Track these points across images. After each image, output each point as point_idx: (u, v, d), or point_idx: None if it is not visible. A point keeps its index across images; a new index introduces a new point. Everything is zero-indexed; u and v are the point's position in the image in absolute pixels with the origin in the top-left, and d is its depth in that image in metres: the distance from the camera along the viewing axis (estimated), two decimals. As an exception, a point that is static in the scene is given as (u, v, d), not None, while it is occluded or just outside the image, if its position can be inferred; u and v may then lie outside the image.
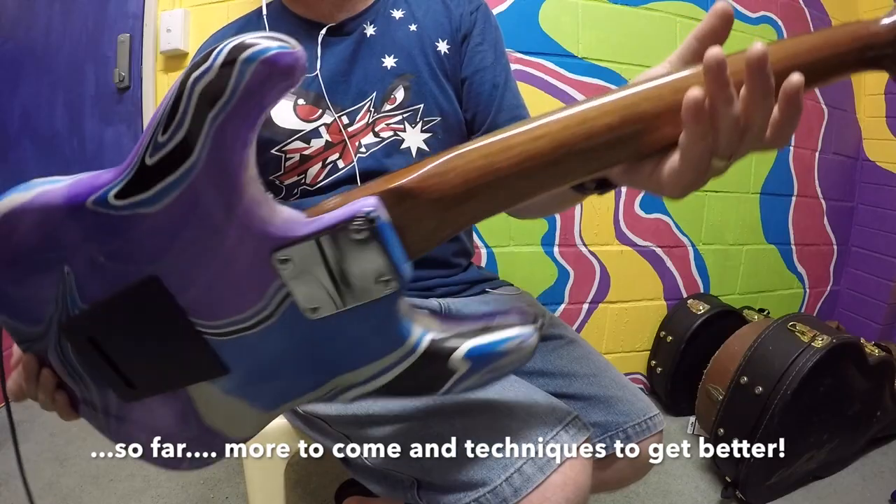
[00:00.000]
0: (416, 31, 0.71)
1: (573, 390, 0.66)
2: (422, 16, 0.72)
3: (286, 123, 0.66)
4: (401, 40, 0.70)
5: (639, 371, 1.67)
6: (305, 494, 1.16)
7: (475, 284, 0.78)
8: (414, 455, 0.51)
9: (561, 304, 1.53)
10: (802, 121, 1.38)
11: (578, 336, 0.74)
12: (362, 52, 0.69)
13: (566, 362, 0.68)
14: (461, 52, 0.71)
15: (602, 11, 1.43)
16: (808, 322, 1.19)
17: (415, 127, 0.68)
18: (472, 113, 0.71)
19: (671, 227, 1.59)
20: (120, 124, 1.40)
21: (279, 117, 0.66)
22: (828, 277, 1.89)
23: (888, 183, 1.76)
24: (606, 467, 0.65)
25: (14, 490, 1.11)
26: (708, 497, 1.20)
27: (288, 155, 0.67)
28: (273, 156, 0.67)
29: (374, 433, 0.55)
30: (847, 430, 1.25)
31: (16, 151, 1.47)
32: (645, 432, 0.64)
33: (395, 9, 0.72)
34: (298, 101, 0.67)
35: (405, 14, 0.72)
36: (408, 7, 0.73)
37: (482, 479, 0.47)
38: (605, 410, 0.64)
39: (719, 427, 1.18)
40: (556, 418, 0.50)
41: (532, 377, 0.67)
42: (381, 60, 0.69)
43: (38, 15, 1.41)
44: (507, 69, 0.73)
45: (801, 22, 1.66)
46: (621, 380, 0.68)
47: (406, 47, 0.69)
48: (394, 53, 0.69)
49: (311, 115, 0.67)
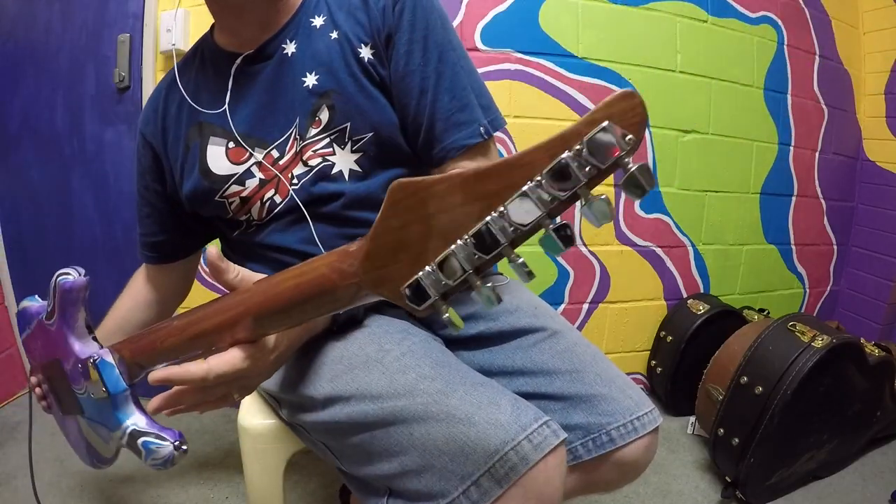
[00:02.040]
0: (336, 38, 0.63)
1: (553, 389, 0.61)
2: (342, 19, 0.64)
3: (221, 170, 0.65)
4: (321, 53, 0.63)
5: (639, 371, 1.67)
6: (305, 494, 1.15)
7: None
8: (378, 462, 0.51)
9: (561, 304, 1.53)
10: (803, 121, 1.37)
11: (564, 325, 0.68)
12: (283, 74, 0.64)
13: (547, 358, 0.63)
14: (387, 55, 0.62)
15: (602, 11, 1.43)
16: (808, 322, 1.19)
17: (344, 148, 0.63)
18: (404, 124, 0.64)
19: (671, 227, 1.59)
20: (120, 124, 1.40)
21: (215, 165, 0.65)
22: (828, 277, 1.89)
23: (888, 183, 1.76)
24: (592, 471, 0.60)
25: (14, 490, 1.11)
26: (708, 497, 1.20)
27: (229, 200, 0.66)
28: (217, 202, 0.66)
29: (345, 441, 0.55)
30: (847, 430, 1.25)
31: (16, 151, 1.47)
32: (630, 434, 0.58)
33: (317, 15, 0.65)
34: (229, 145, 0.65)
35: (326, 20, 0.64)
36: (328, 12, 0.65)
37: (440, 490, 0.46)
38: (588, 411, 0.59)
39: (719, 427, 1.18)
40: (519, 426, 0.46)
41: (512, 376, 0.63)
42: (302, 80, 0.63)
43: (38, 15, 1.41)
44: (442, 66, 0.62)
45: (801, 22, 1.66)
46: (608, 374, 0.62)
47: (327, 61, 0.62)
48: (314, 70, 0.62)
49: (240, 157, 0.65)
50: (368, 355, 0.56)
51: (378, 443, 0.50)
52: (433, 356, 0.55)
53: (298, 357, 0.60)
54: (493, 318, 0.68)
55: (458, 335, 0.68)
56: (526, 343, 0.65)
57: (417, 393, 0.50)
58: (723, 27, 1.55)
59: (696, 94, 1.55)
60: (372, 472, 0.52)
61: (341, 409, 0.54)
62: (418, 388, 0.50)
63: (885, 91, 1.75)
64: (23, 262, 1.53)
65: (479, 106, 0.64)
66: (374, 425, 0.51)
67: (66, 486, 1.13)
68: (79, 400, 0.57)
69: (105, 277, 1.50)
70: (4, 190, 1.50)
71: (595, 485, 0.62)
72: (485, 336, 0.67)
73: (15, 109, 1.45)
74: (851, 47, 1.78)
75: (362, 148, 0.64)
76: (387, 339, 0.58)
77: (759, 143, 1.65)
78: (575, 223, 1.49)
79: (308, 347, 0.59)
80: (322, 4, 0.66)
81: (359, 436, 0.52)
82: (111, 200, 1.43)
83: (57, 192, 1.46)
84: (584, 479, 0.61)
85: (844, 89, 1.79)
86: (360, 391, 0.53)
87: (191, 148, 0.67)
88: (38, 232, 1.50)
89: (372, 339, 0.58)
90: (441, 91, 0.62)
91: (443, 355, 0.57)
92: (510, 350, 0.65)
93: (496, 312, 0.68)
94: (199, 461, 1.26)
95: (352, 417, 0.53)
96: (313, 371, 0.58)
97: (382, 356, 0.55)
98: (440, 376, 0.51)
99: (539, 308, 0.70)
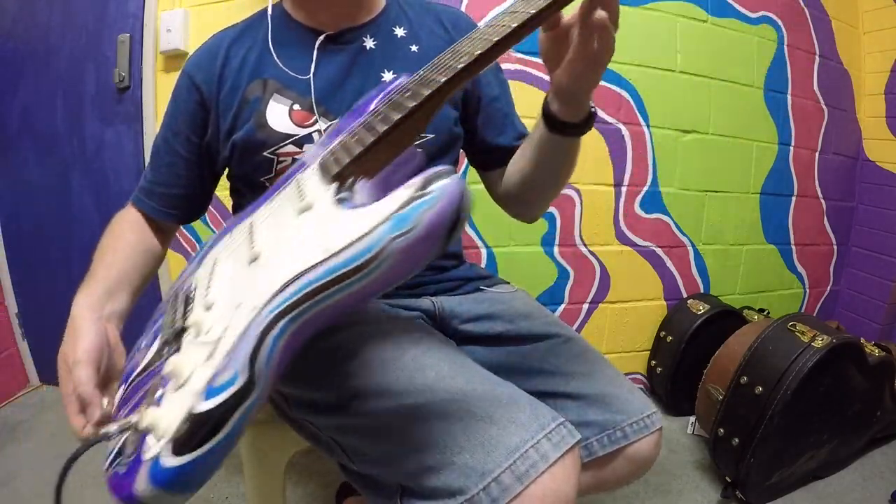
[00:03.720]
0: (417, 52, 0.71)
1: (570, 389, 0.65)
2: (424, 38, 0.73)
3: (280, 127, 0.66)
4: (402, 59, 0.70)
5: (639, 371, 1.67)
6: (305, 494, 1.15)
7: (469, 282, 0.78)
8: (395, 460, 0.51)
9: (561, 304, 1.53)
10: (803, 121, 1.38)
11: (575, 333, 0.74)
12: (360, 63, 0.69)
13: (563, 361, 0.68)
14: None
15: (602, 11, 1.43)
16: (808, 322, 1.19)
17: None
18: (480, 134, 0.77)
19: (671, 227, 1.59)
20: (120, 124, 1.40)
21: (274, 121, 0.66)
22: (828, 277, 1.89)
23: (888, 183, 1.76)
24: (604, 466, 0.64)
25: (14, 490, 1.11)
26: (708, 497, 1.20)
27: (280, 158, 0.67)
28: (265, 158, 0.67)
29: (361, 439, 0.55)
30: (847, 430, 1.25)
31: (16, 151, 1.47)
32: (643, 430, 0.63)
33: (398, 26, 0.73)
34: (294, 107, 0.67)
35: (407, 33, 0.73)
36: (410, 27, 0.73)
37: (460, 487, 0.46)
38: (603, 409, 0.63)
39: (719, 427, 1.18)
40: (539, 425, 0.48)
41: (529, 376, 0.67)
42: (379, 75, 0.69)
43: (38, 15, 1.41)
44: (509, 93, 0.79)
45: (801, 22, 1.66)
46: (618, 377, 0.68)
47: (406, 67, 0.69)
48: (394, 70, 0.69)
49: (305, 120, 0.67)
50: (385, 355, 0.56)
51: (397, 440, 0.50)
52: (451, 357, 0.56)
53: (312, 355, 0.60)
54: (511, 321, 0.72)
55: (480, 333, 0.72)
56: (543, 347, 0.69)
57: (437, 391, 0.51)
58: (723, 27, 1.55)
59: (696, 94, 1.55)
60: (387, 471, 0.52)
61: (359, 407, 0.54)
62: (438, 387, 0.51)
63: (885, 91, 1.75)
64: (23, 262, 1.53)
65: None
66: (392, 423, 0.51)
67: (66, 486, 1.13)
68: None
69: (105, 277, 1.50)
70: (4, 190, 1.50)
71: (606, 481, 0.66)
72: (504, 337, 0.71)
73: (15, 109, 1.45)
74: (851, 47, 1.78)
75: (420, 146, 0.68)
76: (404, 338, 0.59)
77: (759, 143, 1.65)
78: (575, 224, 1.49)
79: (323, 346, 0.60)
80: (403, 18, 0.74)
81: (376, 433, 0.53)
82: (111, 200, 1.43)
83: (57, 192, 1.46)
84: (596, 475, 0.65)
85: (844, 89, 1.79)
86: (379, 389, 0.53)
87: (250, 101, 0.68)
88: (38, 232, 1.50)
89: (388, 339, 0.59)
90: (514, 114, 0.79)
91: (459, 356, 0.58)
92: (528, 351, 0.69)
93: (513, 315, 0.73)
94: (199, 461, 1.26)
95: (370, 415, 0.53)
96: (328, 370, 0.58)
97: (400, 355, 0.56)
98: (459, 375, 0.53)
99: (549, 316, 0.76)
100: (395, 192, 0.37)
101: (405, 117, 0.45)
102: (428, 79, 0.46)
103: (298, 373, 0.61)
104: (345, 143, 0.48)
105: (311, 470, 1.22)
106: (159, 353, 0.47)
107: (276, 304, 0.37)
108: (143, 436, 0.37)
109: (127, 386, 0.49)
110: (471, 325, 0.72)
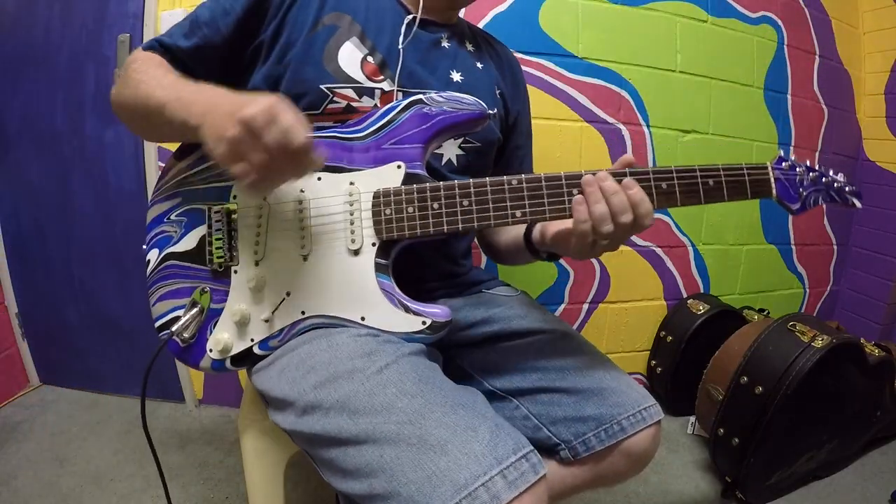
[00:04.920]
0: (482, 68, 0.79)
1: (567, 384, 0.65)
2: (488, 59, 0.81)
3: (347, 69, 0.66)
4: (469, 68, 0.77)
5: (639, 371, 1.67)
6: (305, 494, 1.15)
7: (473, 286, 0.80)
8: (349, 477, 0.49)
9: (561, 304, 1.53)
10: (803, 121, 1.39)
11: (571, 329, 0.75)
12: (435, 52, 0.75)
13: (559, 355, 0.68)
14: (507, 108, 0.83)
15: (602, 11, 1.43)
16: (808, 322, 1.19)
17: (456, 140, 0.73)
18: (492, 167, 0.84)
19: (671, 227, 1.59)
20: (120, 124, 1.39)
21: (344, 61, 0.66)
22: (828, 277, 1.89)
23: (888, 183, 1.76)
24: (602, 461, 0.64)
25: (14, 490, 1.11)
26: (708, 497, 1.20)
27: (335, 97, 0.65)
28: (321, 90, 0.65)
29: (321, 452, 0.54)
30: (847, 430, 1.25)
31: (16, 151, 1.47)
32: (640, 423, 0.63)
33: (469, 42, 0.80)
34: (367, 58, 0.67)
35: (474, 50, 0.80)
36: (477, 47, 0.81)
37: None
38: (599, 403, 0.64)
39: (719, 427, 1.18)
40: (495, 458, 0.44)
41: (525, 372, 0.67)
42: (448, 71, 0.74)
43: (38, 15, 1.41)
44: (531, 140, 0.91)
45: (801, 22, 1.66)
46: (615, 371, 0.68)
47: (472, 76, 0.76)
48: (462, 73, 0.75)
49: (374, 75, 0.67)
50: (355, 365, 0.54)
51: (350, 460, 0.49)
52: (419, 371, 0.54)
53: (291, 358, 0.59)
54: (507, 321, 0.73)
55: (474, 335, 0.72)
56: (539, 342, 0.70)
57: (394, 410, 0.49)
58: (723, 27, 1.55)
59: (696, 94, 1.55)
60: (344, 489, 0.51)
61: (318, 421, 0.53)
62: (396, 406, 0.49)
63: (885, 91, 1.75)
64: (23, 262, 1.53)
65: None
66: (347, 442, 0.50)
67: (66, 486, 1.13)
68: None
69: (105, 277, 1.50)
70: (4, 190, 1.50)
71: (603, 477, 0.66)
72: (500, 335, 0.72)
73: (15, 109, 1.45)
74: (851, 47, 1.78)
75: (466, 149, 0.75)
76: (380, 348, 0.57)
77: (759, 143, 1.65)
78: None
79: (302, 348, 0.59)
80: (470, 35, 0.82)
81: (333, 450, 0.51)
82: (111, 200, 1.43)
83: (57, 192, 1.46)
84: (593, 471, 0.65)
85: (844, 89, 1.79)
86: (339, 403, 0.52)
87: (325, 27, 0.67)
88: (38, 232, 1.50)
89: (364, 346, 0.57)
90: (529, 160, 0.90)
91: (429, 371, 0.55)
92: (524, 347, 0.70)
93: (509, 317, 0.73)
94: (199, 461, 1.26)
95: (327, 430, 0.52)
96: (301, 374, 0.57)
97: (367, 366, 0.54)
98: (421, 394, 0.50)
99: (547, 314, 0.76)
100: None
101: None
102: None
103: (280, 376, 0.60)
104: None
105: (311, 470, 1.21)
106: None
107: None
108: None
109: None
110: (468, 332, 0.73)
